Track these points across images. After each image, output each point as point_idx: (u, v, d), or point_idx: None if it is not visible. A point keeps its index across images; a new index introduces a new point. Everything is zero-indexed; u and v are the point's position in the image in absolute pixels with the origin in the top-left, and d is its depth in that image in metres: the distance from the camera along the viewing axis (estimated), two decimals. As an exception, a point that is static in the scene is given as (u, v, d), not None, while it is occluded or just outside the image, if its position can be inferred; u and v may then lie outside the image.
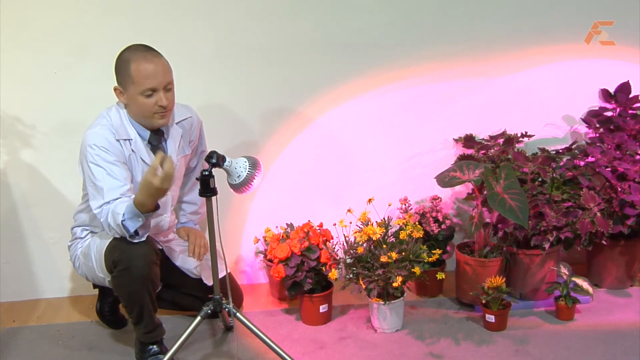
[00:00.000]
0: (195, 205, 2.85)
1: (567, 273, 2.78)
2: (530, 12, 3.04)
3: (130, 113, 2.48)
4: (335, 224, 2.73)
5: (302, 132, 3.08)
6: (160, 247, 2.66)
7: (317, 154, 3.11)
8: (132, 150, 2.48)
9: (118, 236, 2.37)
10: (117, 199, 2.34)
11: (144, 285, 2.39)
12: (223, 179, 2.40)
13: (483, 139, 3.05)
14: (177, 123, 2.60)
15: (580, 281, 2.78)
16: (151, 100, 2.40)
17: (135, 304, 2.42)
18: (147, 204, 2.27)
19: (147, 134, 2.51)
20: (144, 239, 2.37)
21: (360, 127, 3.10)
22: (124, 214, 2.28)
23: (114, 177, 2.38)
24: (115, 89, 2.46)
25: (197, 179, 2.38)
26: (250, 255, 3.16)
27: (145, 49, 2.41)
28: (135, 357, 2.57)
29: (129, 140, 2.47)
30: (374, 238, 2.64)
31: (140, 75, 2.37)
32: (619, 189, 2.81)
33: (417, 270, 2.61)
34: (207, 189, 2.33)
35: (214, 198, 2.34)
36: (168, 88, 2.42)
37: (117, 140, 2.44)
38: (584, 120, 3.12)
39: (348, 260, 2.70)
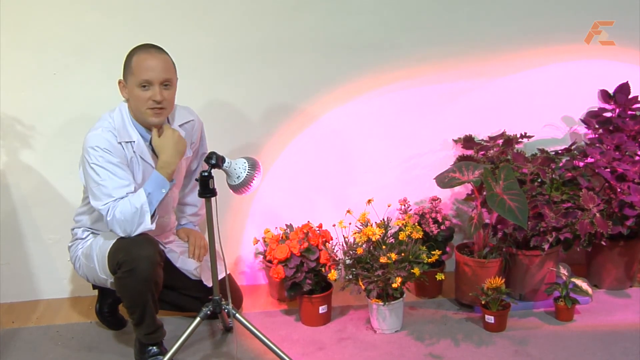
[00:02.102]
0: (195, 207, 2.85)
1: (566, 274, 2.78)
2: (529, 13, 3.04)
3: (130, 111, 2.49)
4: (334, 225, 2.73)
5: (302, 132, 3.08)
6: (163, 249, 2.66)
7: (316, 154, 3.11)
8: (134, 152, 2.48)
9: (122, 234, 2.37)
10: (125, 197, 2.36)
11: (147, 286, 2.39)
12: (222, 180, 2.40)
13: (482, 140, 3.05)
14: (179, 126, 2.60)
15: (579, 282, 2.78)
16: (146, 93, 2.41)
17: (138, 306, 2.42)
18: (170, 161, 2.42)
19: (149, 135, 2.51)
20: (153, 227, 2.38)
21: (359, 128, 3.10)
22: (146, 188, 2.36)
23: (119, 178, 2.39)
24: (119, 82, 2.48)
25: (196, 180, 2.38)
26: (250, 256, 3.16)
27: (151, 46, 2.45)
28: (134, 358, 2.57)
29: (131, 142, 2.47)
30: (374, 239, 2.64)
31: (138, 66, 2.39)
32: (618, 190, 2.81)
33: (416, 271, 2.61)
34: (207, 190, 2.32)
35: (213, 199, 2.34)
36: (166, 85, 2.43)
37: (119, 143, 2.44)
38: (584, 121, 3.12)
39: (347, 261, 2.70)
